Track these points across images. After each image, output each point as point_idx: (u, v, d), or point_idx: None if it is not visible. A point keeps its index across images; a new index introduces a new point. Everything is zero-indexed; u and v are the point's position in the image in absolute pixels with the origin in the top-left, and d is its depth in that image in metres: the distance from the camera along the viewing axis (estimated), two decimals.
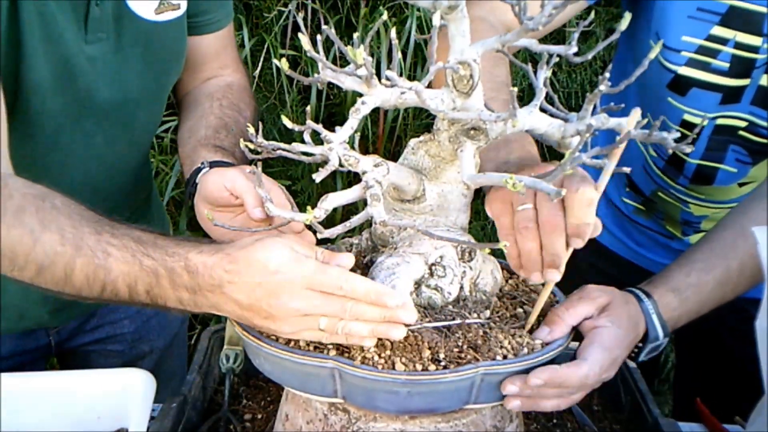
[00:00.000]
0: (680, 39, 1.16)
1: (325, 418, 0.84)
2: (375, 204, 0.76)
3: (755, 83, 1.14)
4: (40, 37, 0.96)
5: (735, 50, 1.13)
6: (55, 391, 1.01)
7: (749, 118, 1.17)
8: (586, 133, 0.76)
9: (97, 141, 1.10)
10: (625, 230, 1.48)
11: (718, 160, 1.23)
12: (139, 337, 1.40)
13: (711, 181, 1.25)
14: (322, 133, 0.76)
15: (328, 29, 0.75)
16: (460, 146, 0.82)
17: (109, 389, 1.00)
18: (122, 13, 1.05)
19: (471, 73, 0.76)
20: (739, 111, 1.17)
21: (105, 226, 0.82)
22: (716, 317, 1.41)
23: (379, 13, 2.52)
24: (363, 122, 2.36)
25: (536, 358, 0.80)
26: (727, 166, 1.23)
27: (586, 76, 2.67)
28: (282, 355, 0.79)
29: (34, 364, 1.31)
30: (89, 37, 1.02)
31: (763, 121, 1.15)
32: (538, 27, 0.69)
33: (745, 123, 1.17)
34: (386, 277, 0.81)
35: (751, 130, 1.17)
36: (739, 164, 1.22)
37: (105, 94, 1.06)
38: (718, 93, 1.16)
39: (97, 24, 1.02)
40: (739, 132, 1.19)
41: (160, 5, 1.09)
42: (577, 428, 1.06)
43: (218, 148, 1.09)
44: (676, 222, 1.37)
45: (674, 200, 1.34)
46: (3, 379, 0.98)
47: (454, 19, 0.73)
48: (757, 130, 1.17)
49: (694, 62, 1.16)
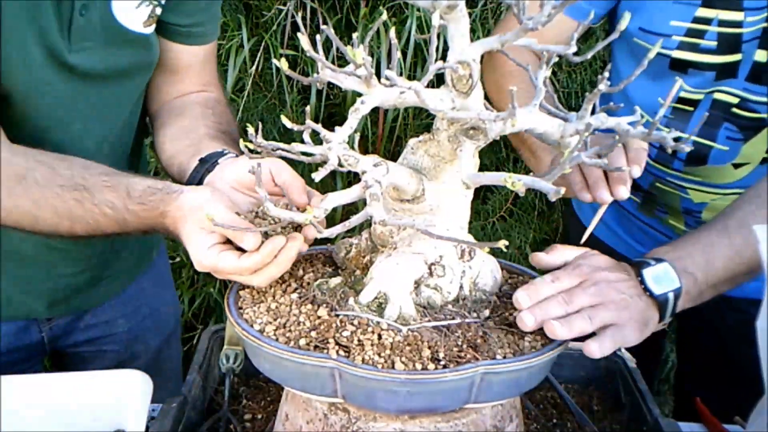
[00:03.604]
0: (669, 24, 1.21)
1: (325, 418, 0.84)
2: (374, 203, 0.76)
3: (749, 58, 1.18)
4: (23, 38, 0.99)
5: (720, 28, 1.18)
6: (51, 392, 1.00)
7: (743, 94, 1.20)
8: (585, 132, 0.76)
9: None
10: (628, 229, 1.49)
11: (711, 138, 1.25)
12: (134, 336, 1.40)
13: (705, 161, 1.27)
14: (321, 132, 0.76)
15: (327, 29, 0.75)
16: (460, 146, 0.82)
17: (106, 390, 1.00)
18: (110, 24, 1.07)
19: (470, 73, 0.76)
20: (734, 87, 1.21)
21: (85, 194, 0.96)
22: (717, 317, 1.42)
23: (378, 13, 2.52)
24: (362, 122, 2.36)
25: (536, 358, 0.80)
26: (719, 144, 1.25)
27: (586, 76, 2.67)
28: (282, 354, 0.79)
29: (29, 363, 1.31)
30: (73, 46, 1.04)
31: (756, 96, 1.19)
32: (537, 27, 0.69)
33: (738, 99, 1.21)
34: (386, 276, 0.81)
35: (743, 106, 1.21)
36: (730, 141, 1.24)
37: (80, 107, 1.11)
38: (712, 71, 1.21)
39: (81, 33, 1.04)
40: (732, 109, 1.22)
41: (149, 18, 1.11)
42: (577, 428, 1.06)
43: (234, 142, 1.14)
44: (678, 213, 1.37)
45: (672, 188, 1.35)
46: (1, 381, 0.98)
47: (453, 18, 0.73)
48: (749, 105, 1.20)
49: (685, 45, 1.21)
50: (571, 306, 0.84)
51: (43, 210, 0.97)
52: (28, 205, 0.97)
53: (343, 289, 0.88)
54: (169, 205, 0.93)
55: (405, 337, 0.79)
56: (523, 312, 0.83)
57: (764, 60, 1.16)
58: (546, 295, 0.85)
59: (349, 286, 0.88)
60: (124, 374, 1.02)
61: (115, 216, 0.96)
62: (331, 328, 0.81)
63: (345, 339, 0.79)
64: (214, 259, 0.85)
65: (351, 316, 0.82)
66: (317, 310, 0.85)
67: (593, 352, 0.83)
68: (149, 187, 0.96)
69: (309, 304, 0.86)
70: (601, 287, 0.87)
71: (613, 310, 0.85)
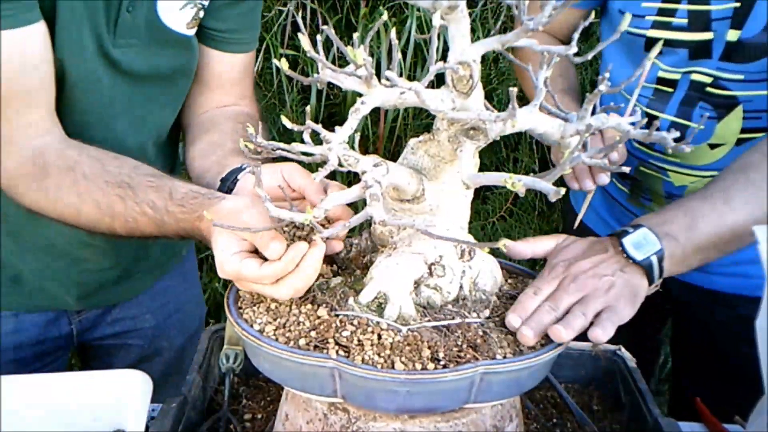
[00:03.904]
0: (641, 6, 1.26)
1: (325, 418, 0.84)
2: (374, 203, 0.76)
3: (722, 38, 1.20)
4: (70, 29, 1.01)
5: (689, 6, 1.22)
6: (51, 392, 1.01)
7: (716, 73, 1.23)
8: (585, 132, 0.76)
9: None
10: (619, 219, 1.51)
11: (687, 117, 1.28)
12: (159, 333, 1.42)
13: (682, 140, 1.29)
14: (321, 133, 0.76)
15: (327, 29, 0.75)
16: (460, 146, 0.82)
17: (106, 390, 1.00)
18: (154, 24, 1.08)
19: (471, 73, 0.76)
20: (708, 67, 1.24)
21: (128, 192, 0.97)
22: (706, 312, 1.42)
23: (379, 13, 2.52)
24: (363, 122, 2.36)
25: (536, 358, 0.81)
26: (694, 123, 1.28)
27: (586, 76, 2.68)
28: (282, 354, 0.79)
29: (56, 354, 1.33)
30: (118, 41, 1.06)
31: (728, 74, 1.22)
32: (539, 27, 0.69)
33: (711, 78, 1.24)
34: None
35: (715, 84, 1.24)
36: (705, 120, 1.27)
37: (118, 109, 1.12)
38: (685, 48, 1.24)
39: (126, 29, 1.05)
40: (706, 88, 1.25)
41: (192, 20, 1.13)
42: (577, 428, 1.06)
43: None
44: (661, 198, 1.39)
45: (655, 171, 1.37)
46: (1, 380, 0.98)
47: (454, 19, 0.73)
48: (721, 83, 1.23)
49: (658, 24, 1.25)
50: (559, 310, 0.86)
51: (86, 204, 0.99)
52: (73, 197, 0.99)
53: (343, 289, 0.88)
54: (207, 210, 0.91)
55: (405, 337, 0.80)
56: (521, 329, 0.84)
57: (735, 39, 1.19)
58: (533, 309, 0.87)
59: (349, 286, 0.89)
60: (124, 374, 1.02)
61: (155, 216, 0.96)
62: (331, 328, 0.81)
63: (345, 339, 0.79)
64: (237, 265, 0.83)
65: (351, 316, 0.82)
66: (317, 310, 0.85)
67: (599, 338, 0.84)
68: (192, 190, 0.95)
69: (309, 304, 0.86)
70: (579, 281, 0.89)
71: (600, 296, 0.87)
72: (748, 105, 1.23)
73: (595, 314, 0.86)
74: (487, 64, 2.76)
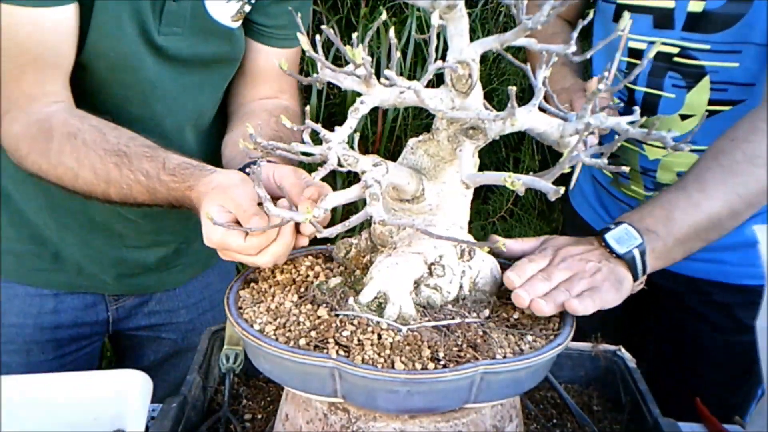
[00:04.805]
0: None
1: (325, 418, 0.84)
2: (374, 203, 0.76)
3: (683, 8, 1.24)
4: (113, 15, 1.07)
5: None
6: (51, 391, 1.01)
7: (681, 44, 1.26)
8: (584, 132, 0.76)
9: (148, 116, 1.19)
10: (604, 205, 1.53)
11: (658, 87, 1.31)
12: (193, 328, 1.45)
13: (655, 110, 1.33)
14: (321, 132, 0.76)
15: (327, 29, 0.75)
16: (459, 145, 0.82)
17: (106, 390, 1.00)
18: (200, 14, 1.14)
19: (470, 73, 0.76)
20: (672, 38, 1.26)
21: (124, 160, 1.02)
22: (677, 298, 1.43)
23: (378, 13, 2.52)
24: (362, 122, 2.36)
25: (536, 358, 0.80)
26: (666, 92, 1.31)
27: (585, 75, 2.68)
28: (282, 354, 0.79)
29: (91, 339, 1.38)
30: (163, 29, 1.11)
31: (694, 43, 1.24)
32: (537, 26, 0.69)
33: (678, 49, 1.26)
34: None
35: (683, 54, 1.26)
36: (676, 89, 1.30)
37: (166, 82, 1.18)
38: (649, 15, 1.28)
39: (172, 18, 1.11)
40: (674, 58, 1.27)
41: (237, 13, 1.18)
42: (577, 428, 1.06)
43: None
44: (637, 175, 1.41)
45: (631, 144, 1.40)
46: (1, 380, 0.99)
47: (453, 18, 0.73)
48: (688, 53, 1.26)
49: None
50: (551, 282, 0.90)
51: (84, 169, 1.03)
52: (72, 162, 1.04)
53: (343, 289, 0.88)
54: (198, 181, 0.96)
55: (405, 336, 0.79)
56: (518, 290, 0.87)
57: (700, 10, 1.22)
58: (530, 274, 0.91)
59: (349, 286, 0.89)
60: (124, 374, 1.02)
61: (147, 184, 1.01)
62: (331, 327, 0.81)
63: (345, 339, 0.79)
64: (222, 235, 0.87)
65: (351, 316, 0.82)
66: (317, 310, 0.85)
67: (575, 309, 0.87)
68: (184, 162, 1.01)
69: (309, 304, 0.86)
70: (569, 262, 0.93)
71: (586, 277, 0.91)
72: (714, 76, 1.25)
73: (579, 293, 0.89)
74: (487, 64, 2.76)
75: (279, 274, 0.96)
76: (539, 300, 0.86)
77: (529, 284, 0.88)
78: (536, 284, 0.88)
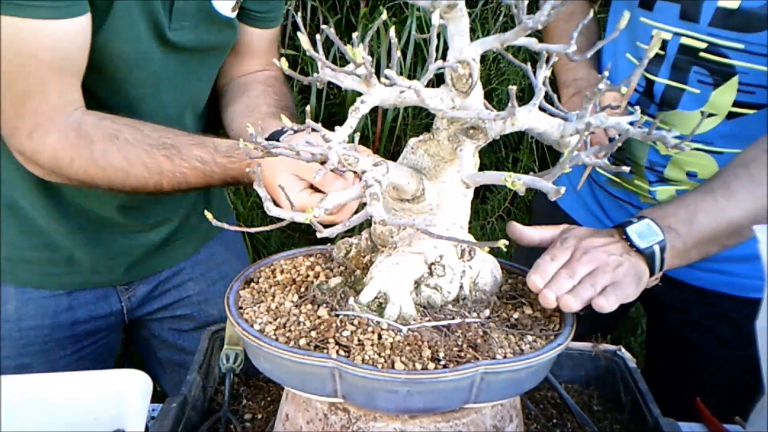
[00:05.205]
0: None
1: (325, 418, 0.84)
2: (374, 203, 0.76)
3: (712, 3, 1.20)
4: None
5: None
6: (51, 391, 1.01)
7: (709, 39, 1.22)
8: (585, 132, 0.76)
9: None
10: (600, 205, 1.51)
11: (682, 81, 1.28)
12: (205, 299, 1.49)
13: (676, 105, 1.30)
14: (321, 132, 0.76)
15: (327, 29, 0.75)
16: (460, 145, 0.82)
17: (106, 390, 1.00)
18: (205, 7, 1.21)
19: (470, 72, 0.76)
20: (698, 32, 1.23)
21: (173, 151, 1.11)
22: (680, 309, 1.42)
23: (378, 13, 2.52)
24: (362, 122, 2.35)
25: (536, 358, 0.80)
26: (690, 87, 1.27)
27: None
28: (282, 354, 0.79)
29: (108, 332, 1.41)
30: (173, 24, 1.17)
31: (723, 40, 1.20)
32: (537, 26, 0.69)
33: (705, 44, 1.23)
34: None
35: (711, 51, 1.23)
36: (701, 85, 1.26)
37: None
38: (677, 4, 1.24)
39: (180, 14, 1.17)
40: (700, 53, 1.24)
41: (236, 4, 1.27)
42: (577, 428, 1.06)
43: (292, 116, 1.31)
44: (641, 168, 1.38)
45: None
46: (1, 380, 0.98)
47: (453, 18, 0.73)
48: (718, 50, 1.22)
49: None
50: (574, 278, 0.89)
51: (135, 166, 1.10)
52: (121, 161, 1.10)
53: (343, 289, 0.88)
54: None
55: (405, 337, 0.79)
56: (544, 291, 0.87)
57: (734, 7, 1.17)
58: (552, 273, 0.90)
59: (349, 286, 0.88)
60: (124, 374, 1.02)
61: (204, 168, 1.11)
62: (331, 328, 0.81)
63: (345, 339, 0.79)
64: (307, 198, 1.01)
65: (351, 316, 0.82)
66: (317, 310, 0.85)
67: (603, 307, 0.87)
68: (233, 143, 1.13)
69: (309, 304, 0.86)
70: (592, 254, 0.92)
71: (609, 271, 0.91)
72: (744, 77, 1.21)
73: (603, 288, 0.89)
74: (487, 64, 2.76)
75: (279, 274, 0.96)
76: (567, 296, 0.86)
77: (553, 282, 0.89)
78: (561, 282, 0.89)
